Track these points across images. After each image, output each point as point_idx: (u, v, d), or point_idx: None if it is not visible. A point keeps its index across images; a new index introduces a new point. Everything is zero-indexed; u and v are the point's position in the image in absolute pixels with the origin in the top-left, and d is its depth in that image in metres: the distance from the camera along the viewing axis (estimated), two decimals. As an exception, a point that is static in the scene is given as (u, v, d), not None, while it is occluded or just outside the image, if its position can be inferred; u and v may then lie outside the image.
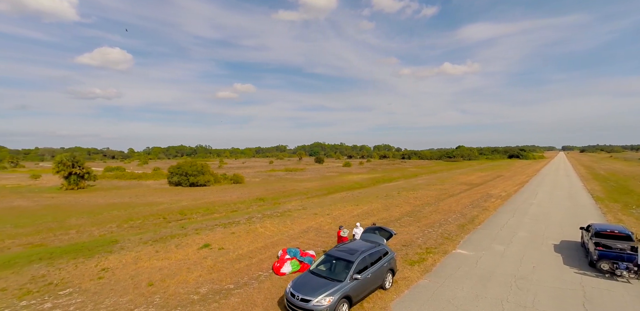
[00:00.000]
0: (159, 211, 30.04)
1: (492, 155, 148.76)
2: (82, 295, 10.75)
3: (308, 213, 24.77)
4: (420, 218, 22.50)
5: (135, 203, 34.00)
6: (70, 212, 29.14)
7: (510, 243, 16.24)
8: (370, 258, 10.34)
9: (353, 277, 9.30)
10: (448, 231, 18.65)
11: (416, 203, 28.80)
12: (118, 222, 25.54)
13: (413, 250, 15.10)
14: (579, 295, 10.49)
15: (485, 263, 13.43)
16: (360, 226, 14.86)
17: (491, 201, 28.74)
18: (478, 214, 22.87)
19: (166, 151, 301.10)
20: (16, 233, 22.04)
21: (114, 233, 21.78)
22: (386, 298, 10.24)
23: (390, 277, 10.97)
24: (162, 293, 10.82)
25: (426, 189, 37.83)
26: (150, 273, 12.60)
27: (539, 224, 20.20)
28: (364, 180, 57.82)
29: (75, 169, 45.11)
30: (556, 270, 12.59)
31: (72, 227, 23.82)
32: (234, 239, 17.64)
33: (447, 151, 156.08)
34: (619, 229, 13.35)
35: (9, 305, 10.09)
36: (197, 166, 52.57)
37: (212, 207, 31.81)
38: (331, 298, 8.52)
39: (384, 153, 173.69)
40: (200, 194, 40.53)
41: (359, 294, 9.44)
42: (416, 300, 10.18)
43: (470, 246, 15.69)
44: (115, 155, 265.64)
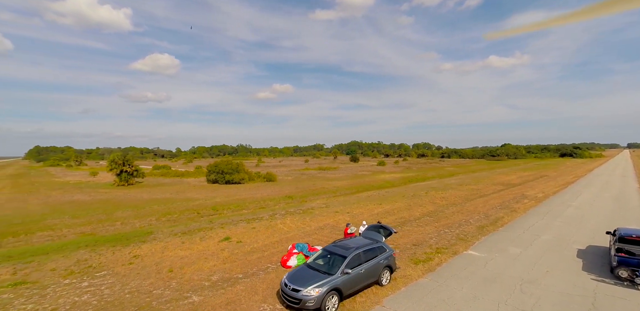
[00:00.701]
0: (194, 207, 32.32)
1: (541, 153, 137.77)
2: (114, 277, 12.36)
3: (329, 211, 25.33)
4: (441, 218, 22.07)
5: (175, 199, 36.89)
6: (118, 206, 32.46)
7: (530, 246, 15.52)
8: (365, 254, 10.71)
9: (344, 271, 9.75)
10: (465, 232, 18.20)
11: (441, 203, 28.12)
12: (157, 216, 27.97)
13: (422, 250, 15.07)
14: (587, 302, 9.96)
15: (494, 265, 13.09)
16: (366, 224, 15.13)
17: (523, 202, 27.18)
18: (503, 216, 21.89)
19: (210, 150, 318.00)
20: (72, 223, 25.17)
21: (151, 226, 24.01)
22: (380, 294, 10.54)
23: (387, 274, 11.23)
24: (179, 279, 12.09)
25: (457, 189, 36.57)
26: (172, 261, 14.02)
27: (570, 227, 18.91)
28: (395, 179, 57.05)
29: (125, 167, 49.83)
30: (571, 276, 11.95)
31: (118, 219, 26.59)
32: (253, 233, 18.77)
33: (490, 150, 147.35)
34: None
35: (55, 282, 11.94)
36: (232, 164, 55.37)
37: (242, 203, 33.53)
38: (320, 290, 9.06)
39: (422, 152, 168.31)
40: (233, 192, 42.79)
41: (350, 288, 9.87)
42: (410, 297, 10.36)
43: (484, 248, 15.28)
44: (164, 154, 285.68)
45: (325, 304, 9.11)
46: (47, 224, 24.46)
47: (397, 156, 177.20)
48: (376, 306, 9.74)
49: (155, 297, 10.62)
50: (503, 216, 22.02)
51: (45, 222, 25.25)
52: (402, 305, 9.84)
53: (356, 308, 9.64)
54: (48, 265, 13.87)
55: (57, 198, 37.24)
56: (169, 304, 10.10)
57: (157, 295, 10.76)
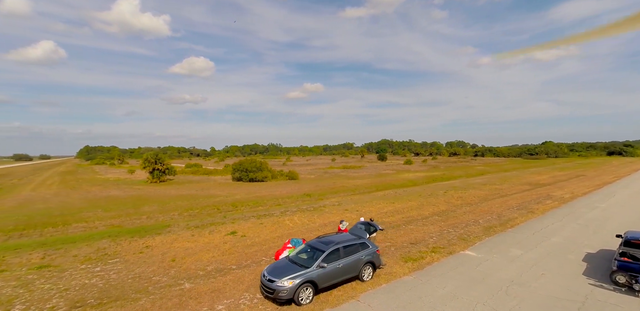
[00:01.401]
0: (215, 203, 33.95)
1: (586, 152, 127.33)
2: (123, 264, 13.64)
3: (339, 209, 25.63)
4: (450, 217, 21.59)
5: (199, 195, 38.96)
6: (147, 201, 34.92)
7: (534, 248, 14.87)
8: (345, 249, 11.00)
9: (320, 265, 10.12)
10: (470, 232, 17.74)
11: (456, 202, 27.37)
12: (180, 211, 29.80)
13: (417, 248, 14.99)
14: (574, 306, 9.54)
15: (488, 266, 12.77)
16: (364, 220, 15.24)
17: (545, 203, 25.72)
18: (517, 217, 20.96)
19: (242, 149, 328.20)
20: (104, 216, 27.56)
21: (172, 219, 25.70)
22: (359, 289, 10.78)
23: (369, 270, 11.43)
24: (178, 268, 13.10)
25: (478, 189, 35.24)
26: (177, 252, 15.14)
27: (587, 230, 17.76)
28: (419, 178, 55.89)
29: (157, 165, 53.22)
30: (567, 279, 11.41)
31: (144, 213, 28.69)
32: (258, 228, 19.59)
33: (528, 148, 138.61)
34: None
35: (73, 267, 13.41)
36: (256, 163, 57.18)
37: (260, 201, 34.71)
38: (293, 281, 9.52)
39: (454, 150, 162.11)
40: (254, 189, 44.28)
41: (326, 281, 10.23)
42: (388, 293, 10.50)
43: (484, 249, 14.88)
44: (199, 153, 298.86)
45: (299, 295, 9.55)
46: (82, 217, 27.00)
47: (428, 154, 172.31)
48: (351, 301, 10.02)
49: (153, 283, 11.65)
50: (517, 217, 21.09)
51: (81, 215, 27.88)
52: (377, 300, 10.02)
53: (330, 300, 9.98)
54: (72, 251, 15.55)
55: (96, 193, 40.76)
56: (162, 289, 11.06)
57: (155, 281, 11.79)
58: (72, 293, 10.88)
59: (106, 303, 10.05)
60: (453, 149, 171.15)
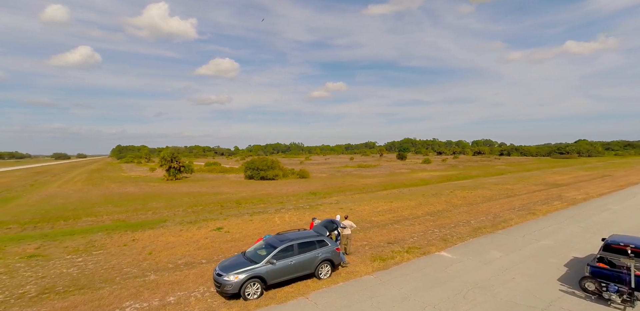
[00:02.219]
0: (220, 200, 34.79)
1: (623, 151, 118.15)
2: (104, 256, 14.38)
3: (334, 207, 25.52)
4: (442, 217, 20.91)
5: (207, 192, 40.12)
6: (157, 197, 36.42)
7: (517, 251, 14.10)
8: (299, 246, 10.97)
9: (269, 261, 10.18)
10: (455, 232, 17.10)
11: (456, 202, 26.44)
12: (184, 207, 30.83)
13: (392, 248, 14.66)
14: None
15: (458, 268, 12.27)
16: (339, 218, 15.04)
17: (552, 204, 24.25)
18: (513, 218, 19.93)
19: (264, 148, 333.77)
20: (113, 211, 29.06)
21: (174, 215, 26.63)
22: (313, 287, 10.73)
23: (327, 268, 11.33)
24: (152, 260, 13.63)
25: (487, 189, 33.81)
26: (158, 245, 15.74)
27: (585, 234, 16.58)
28: (432, 178, 54.47)
29: (173, 163, 55.33)
30: (538, 284, 10.73)
31: (150, 209, 29.94)
32: (245, 225, 19.93)
33: (559, 147, 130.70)
34: (636, 244, 10.40)
35: (59, 257, 14.31)
36: (267, 161, 58.04)
37: (265, 198, 35.20)
38: (239, 276, 9.64)
39: (479, 149, 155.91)
40: (262, 187, 44.95)
41: (276, 278, 10.27)
42: (341, 292, 10.37)
43: (462, 250, 14.30)
44: (223, 152, 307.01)
45: (245, 290, 9.67)
46: (93, 211, 28.63)
47: (451, 153, 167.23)
48: (300, 298, 9.99)
49: (122, 274, 12.21)
50: (514, 218, 20.06)
51: (93, 209, 29.56)
52: (326, 298, 9.93)
53: (279, 297, 10.01)
54: (66, 243, 16.57)
55: (113, 189, 43.05)
56: (127, 280, 11.57)
57: (125, 272, 12.35)
58: (47, 280, 11.63)
59: (71, 291, 10.67)
60: (477, 148, 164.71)
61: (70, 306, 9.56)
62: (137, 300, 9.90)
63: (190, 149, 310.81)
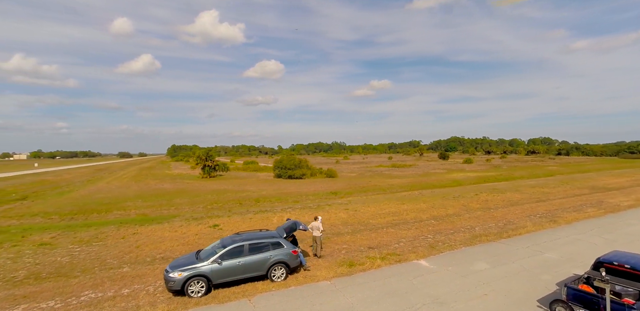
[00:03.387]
0: (241, 198, 35.94)
1: None
2: (100, 247, 15.60)
3: (339, 208, 25.01)
4: (446, 222, 19.39)
5: (231, 190, 41.72)
6: (184, 194, 38.73)
7: (509, 263, 12.52)
8: (250, 247, 10.85)
9: (215, 261, 10.22)
10: (449, 240, 15.72)
11: (473, 206, 24.36)
12: (205, 204, 32.34)
13: (369, 253, 13.89)
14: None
15: (428, 279, 11.23)
16: (320, 220, 14.55)
17: (585, 211, 21.22)
18: (526, 226, 17.78)
19: (307, 147, 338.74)
20: (141, 205, 31.47)
21: (192, 211, 28.00)
22: (261, 289, 10.55)
23: (281, 271, 11.06)
24: (136, 253, 14.49)
25: (519, 192, 30.67)
26: (149, 239, 16.69)
27: (607, 247, 14.14)
28: (467, 179, 50.98)
29: (207, 162, 58.48)
30: (508, 304, 9.39)
31: (174, 205, 31.90)
32: (242, 223, 20.35)
33: (630, 145, 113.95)
34: (632, 265, 8.57)
35: (64, 246, 15.82)
36: (295, 160, 58.77)
37: (283, 197, 35.65)
38: (182, 274, 9.82)
39: (533, 148, 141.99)
40: (286, 186, 45.59)
41: (222, 277, 10.27)
42: (288, 296, 10.05)
43: (444, 260, 13.07)
44: (267, 151, 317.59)
45: (189, 288, 9.82)
46: (123, 206, 31.28)
47: (501, 152, 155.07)
48: (242, 299, 9.89)
49: (103, 264, 13.14)
50: (527, 225, 17.89)
51: (124, 204, 32.31)
52: (269, 302, 9.70)
53: (221, 297, 10.00)
54: (78, 234, 18.29)
55: (150, 186, 46.70)
56: (103, 271, 12.42)
57: (106, 263, 13.28)
58: (39, 267, 12.94)
59: (49, 278, 11.74)
60: (532, 147, 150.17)
61: (38, 291, 10.52)
62: (96, 290, 10.59)
63: (237, 148, 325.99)
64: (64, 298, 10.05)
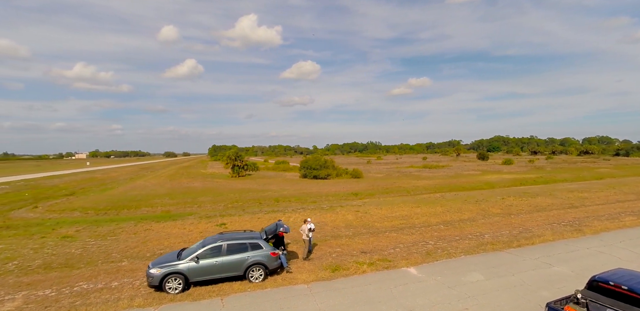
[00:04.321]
0: (262, 197, 36.79)
1: None
2: (112, 242, 16.81)
3: (350, 210, 24.66)
4: (456, 228, 18.30)
5: (255, 189, 42.84)
6: (209, 192, 40.46)
7: (508, 276, 11.49)
8: (228, 248, 11.04)
9: (192, 259, 10.56)
10: (451, 247, 14.81)
11: (493, 211, 22.73)
12: (226, 202, 33.52)
13: (358, 258, 13.50)
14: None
15: (409, 289, 10.65)
16: (310, 221, 14.43)
17: (620, 220, 18.89)
18: (544, 235, 16.19)
19: (341, 147, 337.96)
20: (167, 202, 33.40)
21: (214, 210, 29.13)
22: (237, 289, 10.68)
23: (260, 272, 11.12)
24: (139, 248, 15.40)
25: (552, 197, 28.08)
26: (157, 236, 17.66)
27: (630, 263, 12.50)
28: (501, 181, 47.85)
29: (236, 162, 60.59)
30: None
31: (197, 203, 33.45)
32: (250, 222, 20.82)
33: None
34: (629, 286, 7.39)
35: (82, 240, 17.25)
36: (320, 160, 58.91)
37: (303, 197, 35.93)
38: (161, 270, 10.26)
39: (586, 148, 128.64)
40: (308, 186, 45.86)
41: (199, 276, 10.57)
42: (260, 298, 10.09)
43: (437, 268, 12.32)
44: (302, 151, 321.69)
45: (166, 284, 10.23)
46: (152, 203, 33.42)
47: (550, 153, 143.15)
48: (215, 298, 10.10)
49: (107, 258, 14.15)
50: (545, 234, 16.30)
51: (153, 201, 34.51)
52: (239, 303, 9.81)
53: (195, 294, 10.28)
54: (99, 229, 19.87)
55: (182, 184, 49.42)
56: (104, 264, 13.37)
57: (110, 256, 14.28)
58: (53, 257, 14.26)
59: (57, 268, 12.88)
60: (585, 146, 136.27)
61: (42, 280, 11.60)
62: (89, 282, 11.43)
63: (273, 148, 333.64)
64: (59, 287, 10.98)
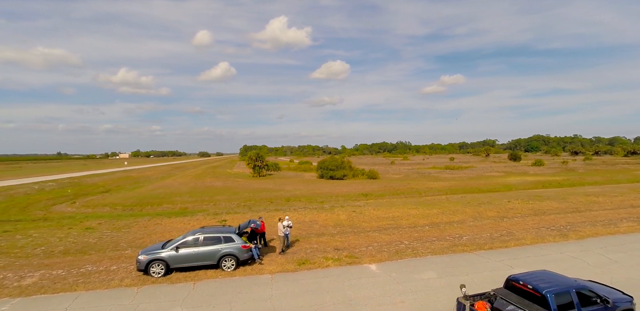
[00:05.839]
0: (274, 196, 38.64)
1: None
2: (124, 233, 19.19)
3: (347, 210, 25.66)
4: (442, 230, 18.77)
5: (270, 189, 44.84)
6: (227, 191, 43.01)
7: (461, 275, 12.05)
8: (204, 240, 12.67)
9: (172, 248, 12.30)
10: (422, 247, 15.43)
11: (488, 214, 22.68)
12: (240, 201, 35.72)
13: (328, 254, 14.58)
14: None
15: (361, 282, 11.57)
16: (288, 219, 15.69)
17: (617, 226, 18.27)
18: (523, 238, 16.26)
19: (370, 147, 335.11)
20: (187, 200, 36.19)
21: (227, 208, 31.30)
22: (210, 276, 12.23)
23: (232, 262, 12.62)
24: (144, 240, 17.55)
25: (562, 200, 27.10)
26: (163, 229, 19.84)
27: (598, 268, 12.48)
28: (522, 183, 46.27)
29: (257, 162, 63.27)
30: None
31: (213, 201, 35.90)
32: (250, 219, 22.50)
33: None
34: (534, 285, 7.87)
35: (101, 231, 19.82)
36: (337, 161, 59.98)
37: (313, 197, 37.29)
38: (146, 257, 12.10)
39: (635, 148, 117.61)
40: (322, 186, 47.11)
41: (178, 263, 12.28)
42: (226, 284, 11.56)
43: (396, 266, 13.11)
44: (331, 151, 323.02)
45: (151, 269, 12.04)
46: (173, 200, 36.39)
47: (592, 153, 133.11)
48: (189, 283, 11.73)
49: (115, 246, 16.39)
50: (525, 238, 16.36)
51: (174, 198, 37.53)
52: (206, 287, 11.35)
53: (173, 278, 11.99)
54: (118, 222, 22.52)
55: (205, 183, 52.71)
56: (112, 251, 15.58)
57: (118, 245, 16.52)
58: (72, 245, 16.77)
59: (72, 253, 15.26)
60: (633, 146, 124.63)
61: (58, 262, 13.94)
62: (94, 265, 13.58)
63: (302, 148, 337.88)
64: (70, 268, 13.21)
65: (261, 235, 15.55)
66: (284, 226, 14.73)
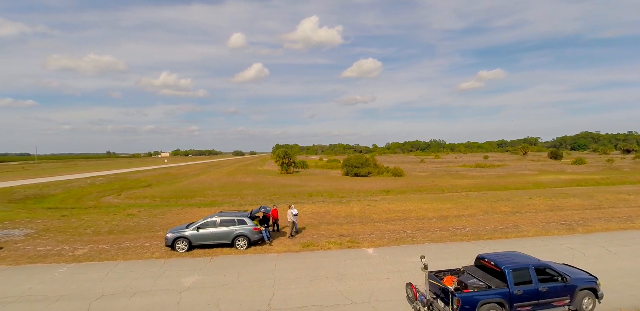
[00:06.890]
0: (298, 192, 40.50)
1: None
2: (158, 219, 21.80)
3: (361, 203, 26.71)
4: (444, 222, 19.40)
5: (295, 185, 46.86)
6: (254, 186, 45.59)
7: (447, 260, 12.86)
8: (221, 222, 14.56)
9: (194, 228, 14.32)
10: (423, 236, 16.31)
11: (501, 209, 22.77)
12: (265, 195, 37.97)
13: (332, 239, 15.91)
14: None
15: (356, 263, 12.79)
16: (294, 207, 17.23)
17: (632, 222, 17.77)
18: (527, 231, 16.51)
19: (402, 146, 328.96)
20: (217, 194, 39.09)
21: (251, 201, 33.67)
22: (225, 252, 14.08)
23: (244, 241, 14.40)
24: (175, 224, 19.89)
25: (587, 198, 26.21)
26: (192, 216, 22.21)
27: (590, 260, 12.68)
28: (554, 181, 44.61)
29: (285, 160, 65.76)
30: (394, 286, 10.52)
31: (240, 195, 38.51)
32: (266, 210, 24.43)
33: None
34: (496, 262, 8.63)
35: (140, 217, 22.63)
36: (361, 159, 60.82)
37: (335, 192, 38.79)
38: (172, 235, 14.23)
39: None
40: (345, 183, 48.33)
41: (199, 241, 14.26)
42: (237, 260, 13.33)
43: (393, 251, 14.17)
44: (362, 150, 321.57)
45: (176, 245, 14.13)
46: (205, 194, 39.48)
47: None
48: (207, 257, 13.65)
49: (150, 229, 18.91)
50: (528, 230, 16.61)
51: (206, 192, 40.65)
52: (221, 261, 13.18)
53: (195, 253, 13.97)
54: (154, 211, 25.36)
55: (235, 179, 55.95)
56: (147, 232, 18.06)
57: (152, 228, 19.03)
58: (116, 227, 19.55)
59: (115, 233, 17.92)
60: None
61: (103, 239, 16.58)
62: (132, 242, 16.01)
63: (333, 147, 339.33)
64: (112, 244, 15.74)
65: (274, 221, 17.31)
66: (292, 213, 16.33)
